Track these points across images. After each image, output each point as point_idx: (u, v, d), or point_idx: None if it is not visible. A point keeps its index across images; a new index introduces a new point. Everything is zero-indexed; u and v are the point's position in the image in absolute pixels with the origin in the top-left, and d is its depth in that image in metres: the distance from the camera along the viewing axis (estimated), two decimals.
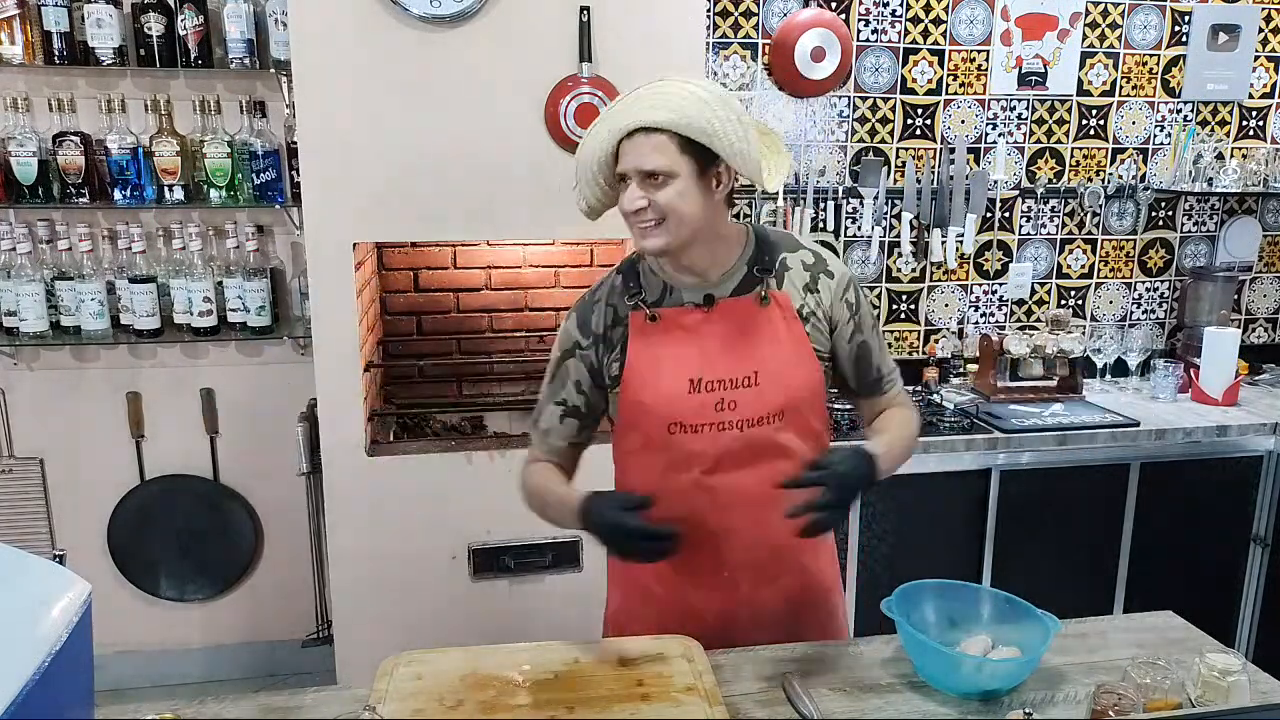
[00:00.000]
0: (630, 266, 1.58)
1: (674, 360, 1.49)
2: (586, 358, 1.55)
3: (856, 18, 3.00)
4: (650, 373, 1.50)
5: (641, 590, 1.60)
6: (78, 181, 2.64)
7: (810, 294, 1.53)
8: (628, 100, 1.42)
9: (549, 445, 1.60)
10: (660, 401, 1.48)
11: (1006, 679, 1.38)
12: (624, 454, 1.59)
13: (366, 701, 1.33)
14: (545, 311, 2.98)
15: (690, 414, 1.48)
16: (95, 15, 2.57)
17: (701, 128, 1.36)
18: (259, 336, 2.86)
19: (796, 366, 1.50)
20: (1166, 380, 3.07)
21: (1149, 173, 3.30)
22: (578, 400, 1.57)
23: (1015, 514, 2.77)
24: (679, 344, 1.50)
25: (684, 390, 1.48)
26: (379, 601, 2.46)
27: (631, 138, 1.38)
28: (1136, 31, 3.17)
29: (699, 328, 1.50)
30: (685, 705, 1.33)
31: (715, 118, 1.37)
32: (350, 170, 2.26)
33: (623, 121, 1.39)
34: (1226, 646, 1.51)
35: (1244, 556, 2.96)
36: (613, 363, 1.53)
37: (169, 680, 3.06)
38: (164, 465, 2.99)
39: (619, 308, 1.54)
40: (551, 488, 1.56)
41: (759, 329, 1.50)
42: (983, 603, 1.49)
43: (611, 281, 1.58)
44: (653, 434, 1.50)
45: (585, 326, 1.56)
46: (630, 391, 1.51)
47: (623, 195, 1.42)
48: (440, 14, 2.20)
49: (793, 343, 1.50)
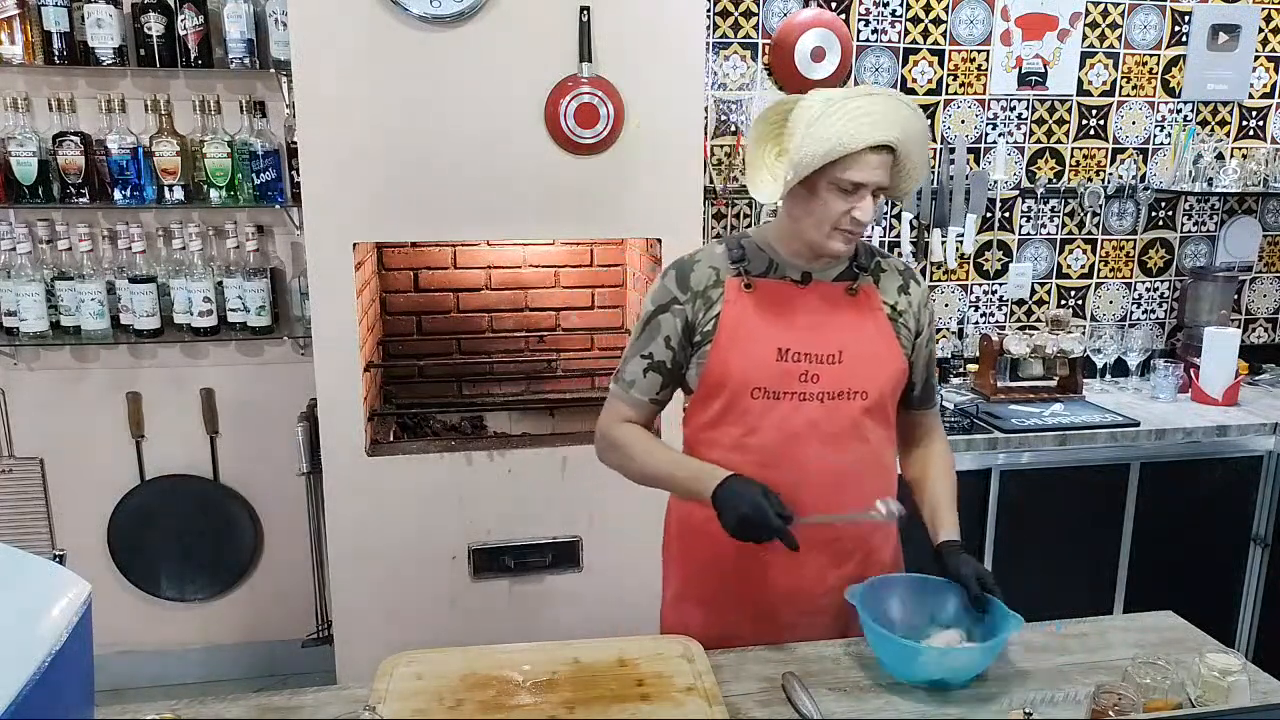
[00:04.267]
0: (735, 240, 1.63)
1: (765, 327, 1.55)
2: (682, 313, 1.59)
3: (856, 18, 3.00)
4: (741, 336, 1.55)
5: (707, 571, 1.64)
6: (78, 181, 2.64)
7: (903, 295, 1.63)
8: (866, 108, 1.43)
9: (632, 400, 1.64)
10: (747, 365, 1.54)
11: (955, 671, 1.41)
12: (699, 427, 1.63)
13: (366, 702, 1.33)
14: (545, 311, 2.99)
15: (774, 380, 1.54)
16: (95, 15, 2.57)
17: (923, 157, 1.49)
18: (259, 336, 2.86)
19: (880, 354, 1.58)
20: (1166, 380, 3.06)
21: (1149, 173, 3.30)
22: (664, 355, 1.60)
23: (1015, 514, 2.77)
24: (771, 313, 1.56)
25: (771, 357, 1.54)
26: (379, 601, 2.46)
27: (876, 151, 1.44)
28: (1136, 31, 3.17)
29: (791, 301, 1.57)
30: (685, 705, 1.33)
31: (923, 146, 1.50)
32: (350, 170, 2.26)
33: (874, 135, 1.42)
34: (1226, 646, 1.52)
35: (1244, 556, 2.96)
36: (708, 320, 1.57)
37: (169, 680, 3.05)
38: (164, 465, 2.99)
39: (721, 270, 1.59)
40: (679, 456, 1.62)
41: (846, 314, 1.58)
42: (955, 597, 1.52)
43: (712, 248, 1.63)
44: (735, 400, 1.55)
45: (684, 282, 1.60)
46: (719, 352, 1.56)
47: (858, 204, 1.47)
48: (440, 14, 2.20)
49: (878, 332, 1.59)
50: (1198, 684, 1.35)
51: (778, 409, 1.54)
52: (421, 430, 2.80)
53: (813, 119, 1.42)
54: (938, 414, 1.78)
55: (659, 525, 2.22)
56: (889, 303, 1.61)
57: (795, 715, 1.34)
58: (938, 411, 1.78)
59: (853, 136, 1.41)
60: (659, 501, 2.71)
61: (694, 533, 1.65)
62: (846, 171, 1.44)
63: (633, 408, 1.64)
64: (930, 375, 1.71)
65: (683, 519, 1.69)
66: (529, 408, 2.88)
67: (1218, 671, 1.34)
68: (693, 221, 2.44)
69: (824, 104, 1.43)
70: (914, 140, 1.47)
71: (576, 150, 2.31)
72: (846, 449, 1.56)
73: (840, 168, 1.44)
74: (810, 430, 1.54)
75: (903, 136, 1.45)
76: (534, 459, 2.48)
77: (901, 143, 1.45)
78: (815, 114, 1.42)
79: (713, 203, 2.99)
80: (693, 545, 1.67)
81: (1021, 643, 1.54)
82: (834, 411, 1.55)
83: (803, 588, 1.58)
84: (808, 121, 1.42)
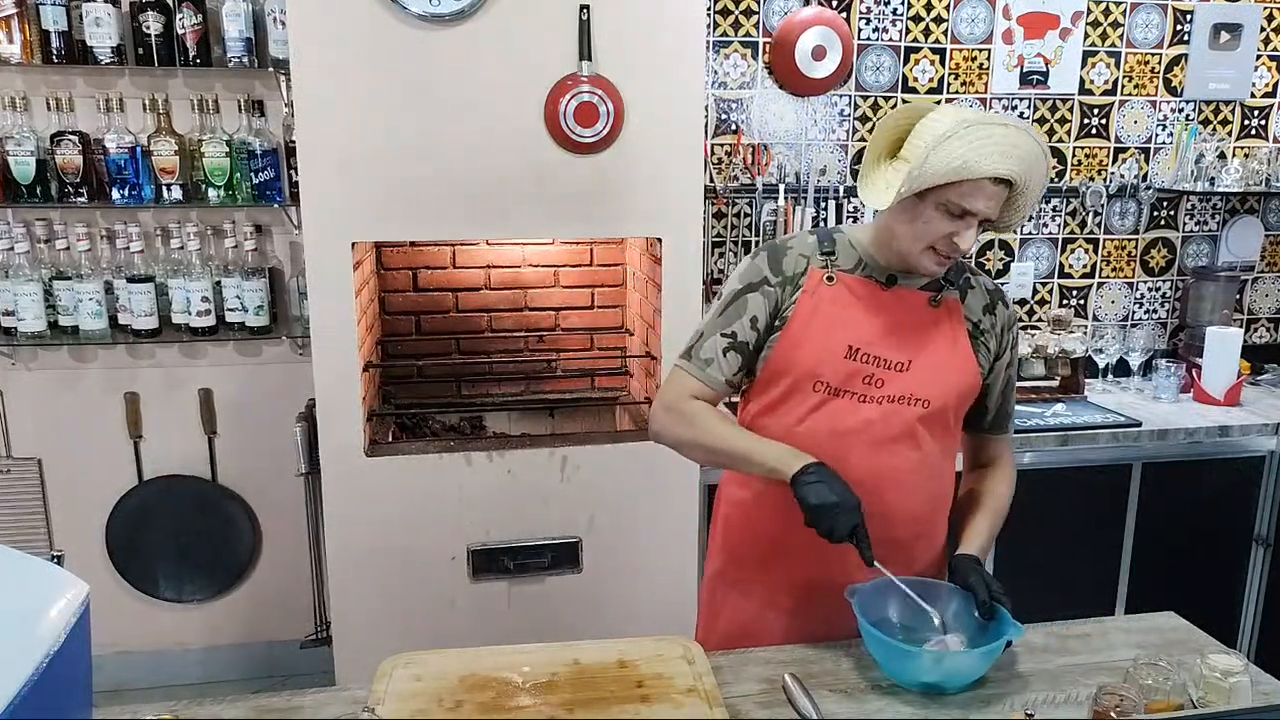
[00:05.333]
0: (828, 233, 1.62)
1: (839, 323, 1.54)
2: (772, 295, 1.57)
3: (857, 16, 2.99)
4: (814, 327, 1.54)
5: (749, 555, 1.64)
6: (76, 181, 2.64)
7: (988, 314, 1.61)
8: (996, 138, 1.40)
9: (708, 377, 1.58)
10: (814, 356, 1.53)
11: (950, 675, 1.40)
12: (755, 414, 1.61)
13: (365, 703, 1.33)
14: (545, 311, 2.98)
15: (838, 377, 1.53)
16: (93, 14, 2.56)
17: (1039, 195, 1.48)
18: (257, 336, 2.86)
19: (952, 367, 1.56)
20: (1169, 380, 3.06)
21: (1151, 172, 3.29)
22: (749, 336, 1.58)
23: (1017, 514, 2.73)
24: (847, 310, 1.55)
25: (840, 353, 1.53)
26: (378, 602, 2.45)
27: (996, 182, 1.42)
28: (1138, 30, 3.17)
29: (871, 301, 1.55)
30: (685, 706, 1.32)
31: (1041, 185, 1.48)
32: (349, 170, 2.25)
33: (1000, 165, 1.39)
34: (1228, 647, 1.51)
35: (1246, 557, 2.95)
36: (790, 306, 1.56)
37: (168, 681, 3.05)
38: (162, 466, 2.99)
39: (811, 260, 1.58)
40: (757, 437, 1.56)
41: (924, 324, 1.56)
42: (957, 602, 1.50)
43: (804, 237, 1.62)
44: (796, 389, 1.54)
45: (777, 265, 1.58)
46: (789, 339, 1.55)
47: (964, 231, 1.44)
48: (440, 13, 2.19)
49: (954, 346, 1.57)
50: (1200, 685, 1.35)
51: (834, 405, 1.53)
52: (420, 430, 2.80)
53: (941, 136, 1.38)
54: (1009, 443, 1.73)
55: (659, 526, 2.22)
56: (972, 320, 1.59)
57: (795, 716, 1.34)
58: (1009, 440, 1.74)
59: (978, 164, 1.38)
60: (659, 503, 2.70)
61: (742, 513, 1.65)
62: (962, 197, 1.41)
63: (706, 385, 1.58)
64: (1006, 401, 1.68)
65: (732, 499, 1.69)
66: (528, 408, 2.88)
67: (1220, 672, 1.33)
68: (693, 221, 2.43)
69: (955, 124, 1.39)
70: (1035, 177, 1.44)
71: (576, 149, 2.30)
72: (896, 454, 1.53)
73: (956, 191, 1.41)
74: (862, 430, 1.52)
75: (1026, 172, 1.42)
76: (533, 459, 2.48)
77: (1022, 178, 1.43)
78: (944, 131, 1.38)
79: (713, 202, 2.99)
80: (738, 526, 1.67)
81: (1023, 644, 1.53)
82: (890, 415, 1.53)
83: (838, 582, 1.53)
84: (936, 137, 1.39)
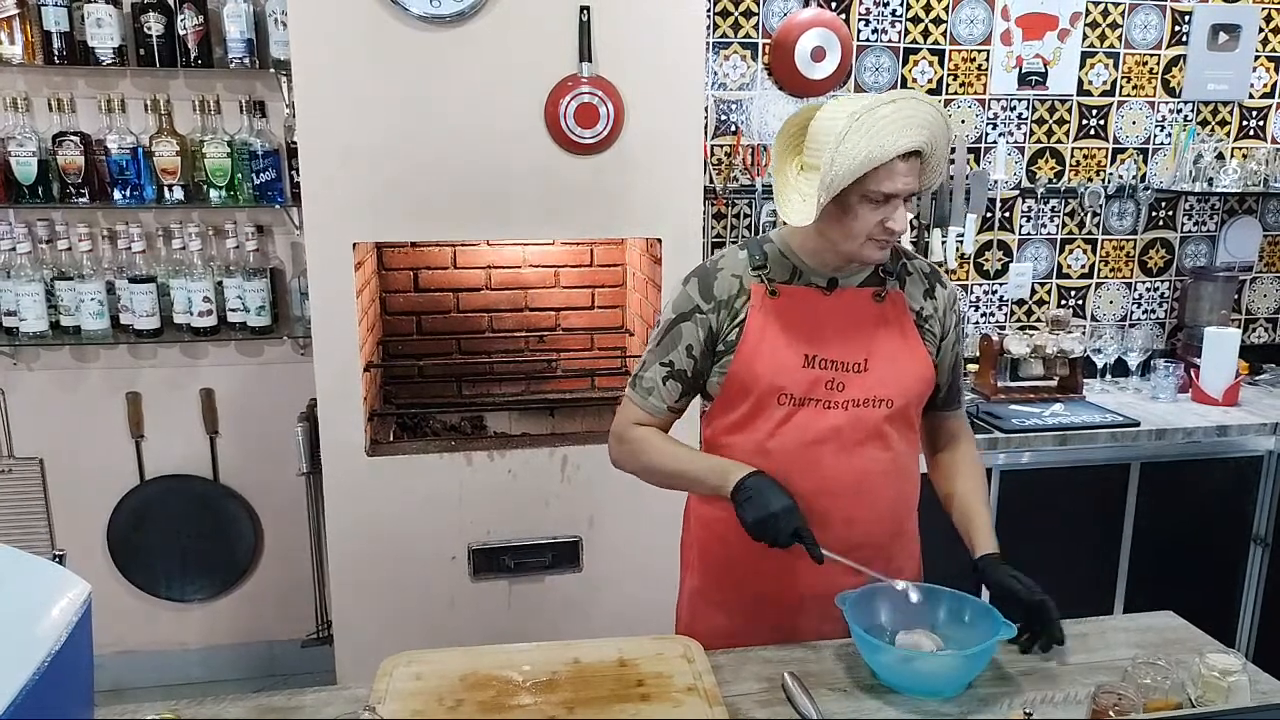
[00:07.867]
0: (757, 245, 1.61)
1: (791, 334, 1.55)
2: (706, 322, 1.58)
3: (857, 17, 3.00)
4: (766, 343, 1.55)
5: (725, 572, 1.64)
6: (77, 181, 2.64)
7: (929, 299, 1.63)
8: (891, 117, 1.39)
9: (650, 406, 1.63)
10: (772, 371, 1.54)
11: (933, 677, 1.40)
12: (719, 431, 1.62)
13: (366, 702, 1.33)
14: (545, 311, 2.98)
15: (800, 387, 1.54)
16: (95, 15, 2.57)
17: (946, 150, 1.48)
18: (259, 336, 2.86)
19: (907, 361, 1.57)
20: (1167, 380, 3.06)
21: (1149, 173, 3.30)
22: (685, 364, 1.60)
23: (1015, 514, 2.77)
24: (797, 320, 1.55)
25: (798, 364, 1.54)
26: (379, 601, 2.46)
27: (906, 158, 1.42)
28: (1137, 31, 3.17)
29: (817, 308, 1.56)
30: (685, 705, 1.33)
31: (947, 142, 1.48)
32: (350, 170, 2.25)
33: (901, 142, 1.39)
34: (1227, 646, 1.51)
35: (1244, 556, 2.96)
36: (732, 329, 1.57)
37: (169, 680, 3.05)
38: (164, 465, 2.99)
39: (744, 279, 1.58)
40: (697, 454, 1.63)
41: (873, 321, 1.57)
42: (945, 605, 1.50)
43: (734, 254, 1.61)
44: (761, 405, 1.55)
45: (708, 292, 1.58)
46: (743, 359, 1.55)
47: (893, 214, 1.45)
48: (440, 14, 2.19)
49: (904, 339, 1.58)
50: (1198, 684, 1.35)
51: (801, 416, 1.54)
52: (421, 430, 2.80)
53: (839, 136, 1.37)
54: (964, 415, 1.77)
55: (659, 526, 2.22)
56: (915, 308, 1.60)
57: (795, 715, 1.34)
58: (964, 413, 1.77)
59: (882, 149, 1.38)
60: (659, 503, 2.70)
61: (713, 533, 1.64)
62: (880, 184, 1.41)
63: (649, 414, 1.63)
64: (956, 377, 1.70)
65: (702, 518, 1.69)
66: (529, 408, 2.88)
67: (1218, 671, 1.34)
68: (693, 221, 2.43)
69: (849, 119, 1.37)
70: (939, 138, 1.45)
71: (576, 150, 2.31)
72: (867, 457, 1.55)
73: (872, 180, 1.41)
74: (832, 436, 1.53)
75: (928, 138, 1.43)
76: (534, 459, 2.48)
77: (928, 144, 1.43)
78: (840, 130, 1.37)
79: (713, 203, 2.99)
80: (711, 546, 1.66)
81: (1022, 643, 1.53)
82: (857, 419, 1.54)
83: (819, 594, 1.55)
84: (835, 138, 1.38)
